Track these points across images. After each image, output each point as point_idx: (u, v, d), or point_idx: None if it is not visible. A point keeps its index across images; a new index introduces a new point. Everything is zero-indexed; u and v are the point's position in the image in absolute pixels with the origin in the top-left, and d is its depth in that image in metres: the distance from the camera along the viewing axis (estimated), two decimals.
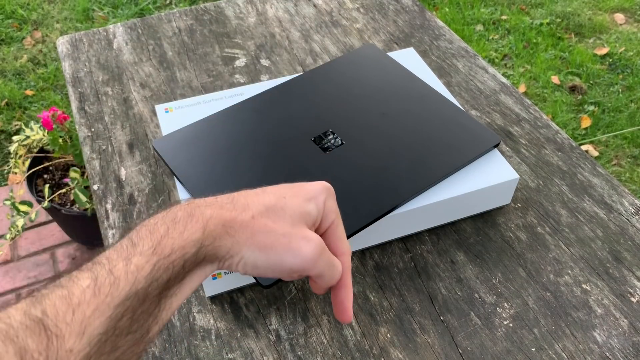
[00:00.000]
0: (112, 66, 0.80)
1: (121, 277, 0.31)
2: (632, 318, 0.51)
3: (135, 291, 0.31)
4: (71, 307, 0.30)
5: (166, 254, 0.33)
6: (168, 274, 0.33)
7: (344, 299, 0.41)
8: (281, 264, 0.36)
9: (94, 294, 0.30)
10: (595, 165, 0.64)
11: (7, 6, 2.24)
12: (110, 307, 0.30)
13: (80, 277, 0.31)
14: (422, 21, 0.86)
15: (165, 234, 0.33)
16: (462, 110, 0.63)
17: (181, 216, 0.35)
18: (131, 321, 0.31)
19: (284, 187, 0.40)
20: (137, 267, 0.32)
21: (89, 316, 0.30)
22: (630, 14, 2.27)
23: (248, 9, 0.90)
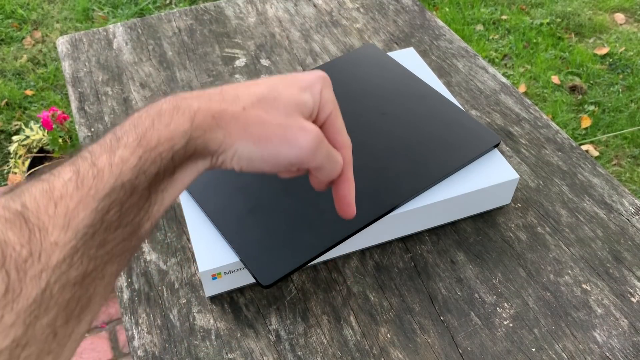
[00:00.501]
0: (112, 66, 0.80)
1: (105, 169, 0.30)
2: (632, 318, 0.51)
3: (121, 183, 0.30)
4: (53, 200, 0.28)
5: (152, 146, 0.31)
6: (156, 166, 0.31)
7: (347, 193, 0.39)
8: (277, 157, 0.35)
9: (77, 187, 0.29)
10: (596, 165, 0.64)
11: (7, 6, 2.24)
12: (95, 200, 0.29)
13: (61, 171, 0.30)
14: (422, 21, 0.86)
15: (150, 126, 0.32)
16: (462, 110, 0.62)
17: (166, 108, 0.33)
18: (119, 214, 0.30)
19: (277, 78, 0.38)
20: (121, 159, 0.30)
21: (73, 209, 0.28)
22: (630, 14, 2.27)
23: (248, 9, 0.90)
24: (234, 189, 0.55)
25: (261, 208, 0.53)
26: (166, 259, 0.56)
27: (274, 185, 0.55)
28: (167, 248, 0.57)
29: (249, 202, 0.53)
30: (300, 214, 0.52)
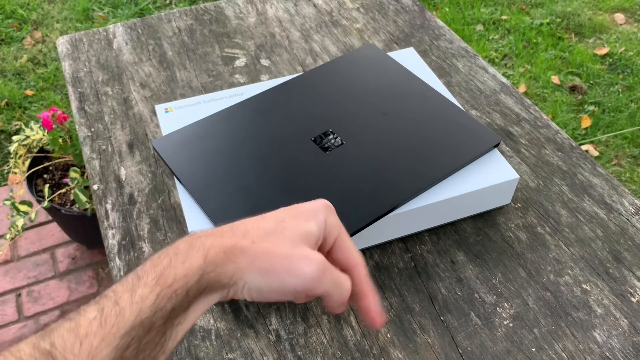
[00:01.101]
0: (112, 66, 0.80)
1: (126, 308, 0.32)
2: (632, 318, 0.51)
3: (140, 321, 0.32)
4: (79, 338, 0.30)
5: (169, 284, 0.33)
6: (172, 302, 0.33)
7: (370, 307, 0.40)
8: (284, 286, 0.36)
9: (100, 325, 0.31)
10: (596, 165, 0.64)
11: (7, 6, 2.24)
12: (117, 337, 0.31)
13: (87, 310, 0.32)
14: (422, 21, 0.86)
15: (167, 265, 0.34)
16: (462, 110, 0.63)
17: (183, 248, 0.36)
18: (137, 351, 0.32)
19: (283, 211, 0.40)
20: (141, 297, 0.33)
21: (96, 347, 0.30)
22: (630, 14, 2.27)
23: (248, 9, 0.90)
24: (234, 189, 0.55)
25: (261, 208, 0.53)
26: None
27: (274, 185, 0.55)
28: None
29: (249, 202, 0.53)
30: None
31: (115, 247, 0.58)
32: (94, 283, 1.41)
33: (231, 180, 0.55)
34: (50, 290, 1.40)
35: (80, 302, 1.37)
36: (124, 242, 0.58)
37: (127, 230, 0.59)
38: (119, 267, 0.56)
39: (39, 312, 1.36)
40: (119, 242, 0.58)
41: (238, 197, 0.54)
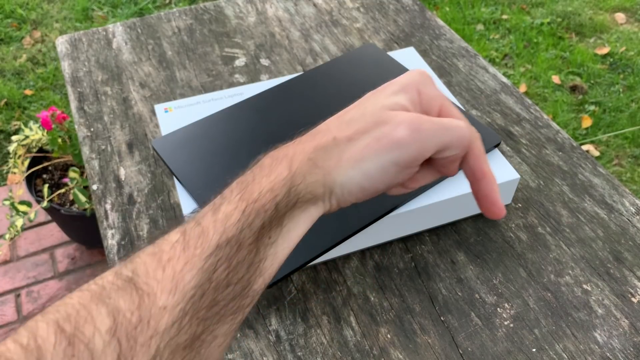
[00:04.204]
0: (111, 66, 0.80)
1: (209, 227, 0.29)
2: (633, 318, 0.51)
3: (226, 239, 0.29)
4: (161, 263, 0.28)
5: (254, 199, 0.30)
6: (260, 218, 0.30)
7: (489, 190, 0.34)
8: (383, 169, 0.31)
9: (183, 248, 0.29)
10: (596, 165, 0.64)
11: (6, 6, 2.24)
12: (202, 259, 0.29)
13: (170, 233, 0.30)
14: (422, 21, 0.86)
15: (251, 181, 0.31)
16: (463, 110, 0.62)
17: (267, 162, 0.32)
18: (228, 272, 0.29)
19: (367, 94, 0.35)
20: (225, 215, 0.30)
21: (180, 270, 0.28)
22: (631, 14, 2.26)
23: (248, 9, 0.90)
24: None
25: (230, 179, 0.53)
26: None
27: None
28: None
29: None
30: None
31: (115, 247, 0.58)
32: None
33: (231, 178, 0.55)
34: (50, 291, 1.40)
35: None
36: (123, 242, 0.58)
37: (126, 230, 0.59)
38: None
39: None
40: (119, 242, 0.58)
41: None
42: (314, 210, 0.33)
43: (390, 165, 0.31)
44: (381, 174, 0.32)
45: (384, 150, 0.31)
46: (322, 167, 0.32)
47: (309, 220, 0.33)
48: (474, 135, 0.33)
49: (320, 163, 0.32)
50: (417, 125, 0.31)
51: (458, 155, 0.33)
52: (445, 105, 0.34)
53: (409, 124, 0.31)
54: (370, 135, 0.31)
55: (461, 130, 0.32)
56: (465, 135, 0.33)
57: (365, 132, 0.32)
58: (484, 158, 0.34)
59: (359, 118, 0.33)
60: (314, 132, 0.34)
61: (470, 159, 0.34)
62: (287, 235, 0.32)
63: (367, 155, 0.31)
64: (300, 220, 0.32)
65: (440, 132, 0.32)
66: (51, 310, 0.27)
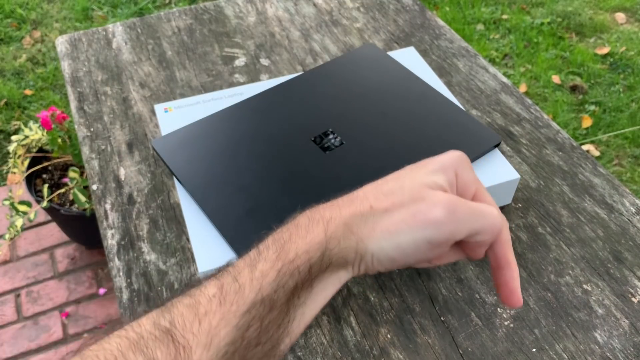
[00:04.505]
0: (111, 66, 0.80)
1: (246, 284, 0.30)
2: (633, 318, 0.51)
3: (261, 298, 0.30)
4: (198, 317, 0.29)
5: (290, 259, 0.31)
6: (294, 279, 0.31)
7: (509, 279, 0.35)
8: (415, 244, 0.32)
9: (220, 303, 0.29)
10: (596, 165, 0.64)
11: (6, 5, 2.24)
12: (237, 316, 0.29)
13: (207, 286, 0.30)
14: (422, 20, 0.86)
15: (288, 240, 0.32)
16: (463, 110, 0.62)
17: (303, 222, 0.33)
18: (259, 331, 0.30)
19: (406, 168, 0.35)
20: (261, 273, 0.30)
21: (215, 326, 0.29)
22: (631, 14, 2.26)
23: (248, 8, 0.90)
24: (233, 188, 0.54)
25: (260, 208, 0.53)
26: (165, 259, 0.56)
27: (274, 185, 0.55)
28: (167, 248, 0.57)
29: (249, 202, 0.53)
30: None
31: (115, 247, 0.58)
32: (93, 283, 1.41)
33: (231, 180, 0.55)
34: (50, 291, 1.40)
35: (79, 303, 1.37)
36: (123, 242, 0.58)
37: (126, 230, 0.59)
38: (118, 267, 0.56)
39: (38, 313, 1.36)
40: (118, 242, 0.58)
41: (238, 197, 0.54)
42: (343, 274, 0.33)
43: (422, 243, 0.32)
44: (413, 249, 0.32)
45: (419, 227, 0.32)
46: (356, 233, 0.32)
47: (337, 283, 0.33)
48: (504, 224, 0.34)
49: (355, 230, 0.32)
50: (453, 208, 0.32)
51: (487, 242, 0.34)
52: (479, 190, 0.35)
53: (446, 205, 0.31)
54: (407, 210, 0.32)
55: (494, 218, 0.33)
56: (497, 224, 0.33)
57: (402, 206, 0.32)
58: (510, 247, 0.35)
59: (397, 191, 0.33)
60: (351, 198, 0.34)
61: (497, 246, 0.35)
62: (316, 297, 0.33)
63: (401, 229, 0.32)
64: (329, 283, 0.33)
65: (474, 217, 0.32)
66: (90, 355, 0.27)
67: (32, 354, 1.27)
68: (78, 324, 1.33)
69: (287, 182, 0.55)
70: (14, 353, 1.28)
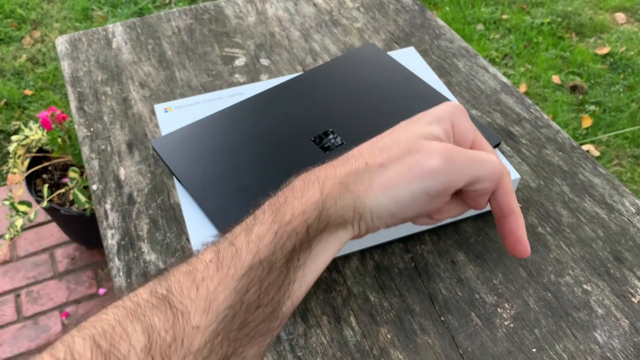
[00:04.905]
0: (111, 66, 0.80)
1: (243, 248, 0.30)
2: (633, 318, 0.51)
3: (258, 261, 0.29)
4: (195, 282, 0.29)
5: (286, 221, 0.31)
6: (292, 241, 0.30)
7: (514, 228, 0.34)
8: (414, 197, 0.31)
9: (217, 268, 0.29)
10: (597, 165, 0.64)
11: (6, 5, 2.24)
12: (234, 279, 0.29)
13: (204, 252, 0.30)
14: (422, 20, 0.86)
15: (284, 202, 0.32)
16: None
17: (299, 184, 0.33)
18: (259, 294, 0.30)
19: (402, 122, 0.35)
20: (258, 236, 0.30)
21: (213, 290, 0.28)
22: (631, 14, 2.26)
23: (248, 8, 0.90)
24: (233, 188, 0.54)
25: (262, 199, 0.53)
26: (165, 259, 0.56)
27: (274, 185, 0.54)
28: (167, 248, 0.57)
29: (249, 202, 0.53)
30: None
31: (115, 247, 0.58)
32: (93, 283, 1.41)
33: (231, 180, 0.55)
34: (50, 291, 1.40)
35: (79, 303, 1.37)
36: (123, 242, 0.58)
37: (126, 230, 0.59)
38: (118, 267, 0.56)
39: (38, 313, 1.36)
40: (118, 242, 0.58)
41: (238, 197, 0.54)
42: (342, 234, 0.33)
43: (421, 194, 0.31)
44: (411, 201, 0.32)
45: (416, 178, 0.31)
46: (353, 191, 0.32)
47: (338, 244, 0.33)
48: (504, 171, 0.34)
49: (352, 187, 0.32)
50: (450, 156, 0.31)
51: (488, 189, 0.33)
52: (477, 138, 0.34)
53: (442, 154, 0.31)
54: (403, 162, 0.32)
55: (493, 164, 0.33)
56: (496, 170, 0.33)
57: (398, 160, 0.32)
58: (512, 194, 0.34)
59: (392, 145, 0.33)
60: (346, 157, 0.34)
61: (499, 194, 0.34)
62: (316, 258, 0.32)
63: (398, 182, 0.31)
64: (328, 243, 0.33)
65: (472, 164, 0.32)
66: (87, 326, 0.27)
67: (32, 354, 1.27)
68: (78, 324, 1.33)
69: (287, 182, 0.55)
70: (14, 353, 1.28)
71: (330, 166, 0.33)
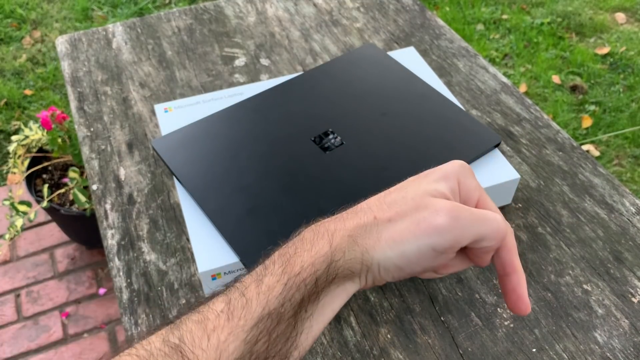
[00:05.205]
0: (111, 66, 0.80)
1: (253, 299, 0.30)
2: (633, 318, 0.51)
3: (268, 312, 0.30)
4: (206, 332, 0.29)
5: (296, 272, 0.31)
6: (301, 292, 0.31)
7: (516, 285, 0.35)
8: (420, 252, 0.32)
9: (228, 318, 0.30)
10: (596, 165, 0.64)
11: (6, 5, 2.24)
12: (245, 330, 0.30)
13: (215, 302, 0.31)
14: (422, 20, 0.86)
15: (294, 253, 0.32)
16: (463, 110, 0.62)
17: (308, 236, 0.33)
18: (267, 345, 0.30)
19: (409, 179, 0.36)
20: (268, 287, 0.31)
21: (224, 341, 0.29)
22: (631, 14, 2.26)
23: (248, 8, 0.90)
24: (233, 188, 0.54)
25: (261, 208, 0.53)
26: (165, 260, 0.56)
27: (274, 185, 0.55)
28: (167, 248, 0.57)
29: (249, 202, 0.53)
30: (300, 214, 0.52)
31: (115, 247, 0.58)
32: (93, 283, 1.41)
33: (231, 180, 0.55)
34: (50, 291, 1.40)
35: (79, 303, 1.37)
36: (123, 242, 0.58)
37: (126, 230, 0.59)
38: (118, 267, 0.56)
39: (38, 313, 1.36)
40: (118, 242, 0.58)
41: (238, 197, 0.54)
42: (350, 286, 0.33)
43: (427, 250, 0.32)
44: (418, 257, 0.32)
45: (423, 234, 0.32)
46: (361, 244, 0.33)
47: (345, 295, 0.33)
48: (508, 230, 0.35)
49: (360, 241, 0.32)
50: (456, 214, 0.32)
51: (492, 247, 0.34)
52: (483, 197, 0.35)
53: (449, 212, 0.32)
54: (411, 218, 0.32)
55: (498, 223, 0.33)
56: (501, 229, 0.34)
57: (406, 215, 0.33)
58: (515, 253, 0.35)
59: (400, 200, 0.34)
60: (355, 210, 0.34)
61: (502, 252, 0.35)
62: (323, 309, 0.33)
63: (406, 238, 0.32)
64: (336, 295, 0.33)
65: (478, 223, 0.33)
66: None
67: (32, 354, 1.27)
68: (78, 324, 1.33)
69: (287, 182, 0.55)
70: (14, 353, 1.28)
71: (339, 219, 0.34)
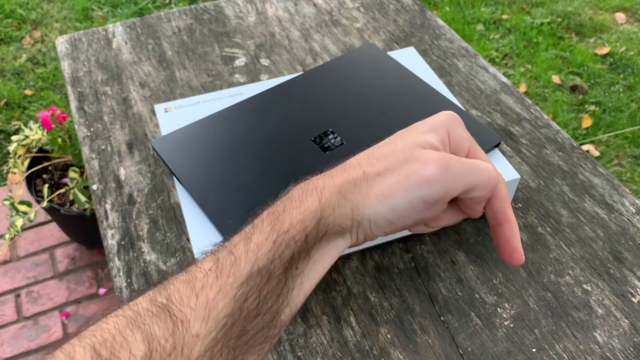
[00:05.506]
0: (111, 66, 0.80)
1: (242, 257, 0.30)
2: (633, 318, 0.51)
3: (257, 269, 0.30)
4: (194, 291, 0.29)
5: (285, 229, 0.31)
6: (290, 249, 0.31)
7: (509, 236, 0.34)
8: (411, 205, 0.31)
9: (216, 276, 0.29)
10: (596, 165, 0.64)
11: (6, 5, 2.24)
12: (234, 288, 0.29)
13: (204, 261, 0.31)
14: (422, 20, 0.86)
15: (282, 211, 0.32)
16: (463, 110, 0.62)
17: (297, 193, 0.33)
18: (258, 302, 0.30)
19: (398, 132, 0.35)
20: (256, 245, 0.30)
21: (213, 299, 0.29)
22: (631, 14, 2.26)
23: (248, 9, 0.90)
24: (233, 188, 0.54)
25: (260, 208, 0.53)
26: (165, 260, 0.56)
27: (274, 185, 0.55)
28: (167, 248, 0.57)
29: (249, 202, 0.53)
30: None
31: (115, 247, 0.58)
32: (94, 283, 1.41)
33: (231, 180, 0.55)
34: (50, 291, 1.40)
35: (79, 303, 1.37)
36: (123, 242, 0.58)
37: (126, 230, 0.59)
38: (118, 267, 0.56)
39: (38, 313, 1.36)
40: (118, 242, 0.58)
41: (238, 197, 0.54)
42: (340, 242, 0.33)
43: (418, 202, 0.32)
44: (409, 209, 0.32)
45: (413, 186, 0.32)
46: (351, 200, 0.32)
47: (336, 252, 0.33)
48: (500, 179, 0.34)
49: (350, 196, 0.32)
50: (446, 164, 0.32)
51: (484, 197, 0.34)
52: (473, 147, 0.35)
53: (439, 162, 0.32)
54: (400, 171, 0.32)
55: (489, 172, 0.33)
56: (492, 178, 0.33)
57: (395, 169, 0.32)
58: (508, 203, 0.34)
59: (389, 154, 0.33)
60: (344, 166, 0.34)
61: (494, 201, 0.34)
62: (314, 266, 0.32)
63: (396, 191, 0.32)
64: (326, 251, 0.33)
65: (468, 172, 0.32)
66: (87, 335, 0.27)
67: (32, 354, 1.27)
68: (78, 324, 1.33)
69: (287, 182, 0.55)
70: (14, 353, 1.28)
71: (328, 175, 0.34)
